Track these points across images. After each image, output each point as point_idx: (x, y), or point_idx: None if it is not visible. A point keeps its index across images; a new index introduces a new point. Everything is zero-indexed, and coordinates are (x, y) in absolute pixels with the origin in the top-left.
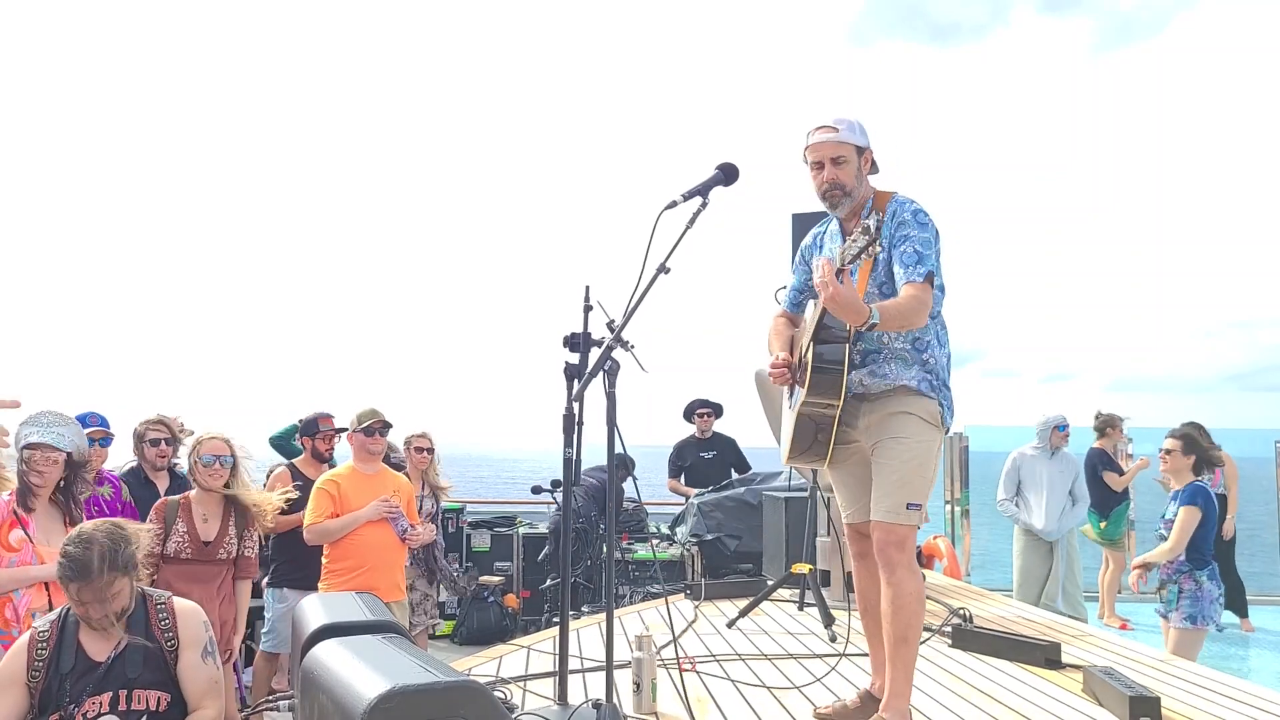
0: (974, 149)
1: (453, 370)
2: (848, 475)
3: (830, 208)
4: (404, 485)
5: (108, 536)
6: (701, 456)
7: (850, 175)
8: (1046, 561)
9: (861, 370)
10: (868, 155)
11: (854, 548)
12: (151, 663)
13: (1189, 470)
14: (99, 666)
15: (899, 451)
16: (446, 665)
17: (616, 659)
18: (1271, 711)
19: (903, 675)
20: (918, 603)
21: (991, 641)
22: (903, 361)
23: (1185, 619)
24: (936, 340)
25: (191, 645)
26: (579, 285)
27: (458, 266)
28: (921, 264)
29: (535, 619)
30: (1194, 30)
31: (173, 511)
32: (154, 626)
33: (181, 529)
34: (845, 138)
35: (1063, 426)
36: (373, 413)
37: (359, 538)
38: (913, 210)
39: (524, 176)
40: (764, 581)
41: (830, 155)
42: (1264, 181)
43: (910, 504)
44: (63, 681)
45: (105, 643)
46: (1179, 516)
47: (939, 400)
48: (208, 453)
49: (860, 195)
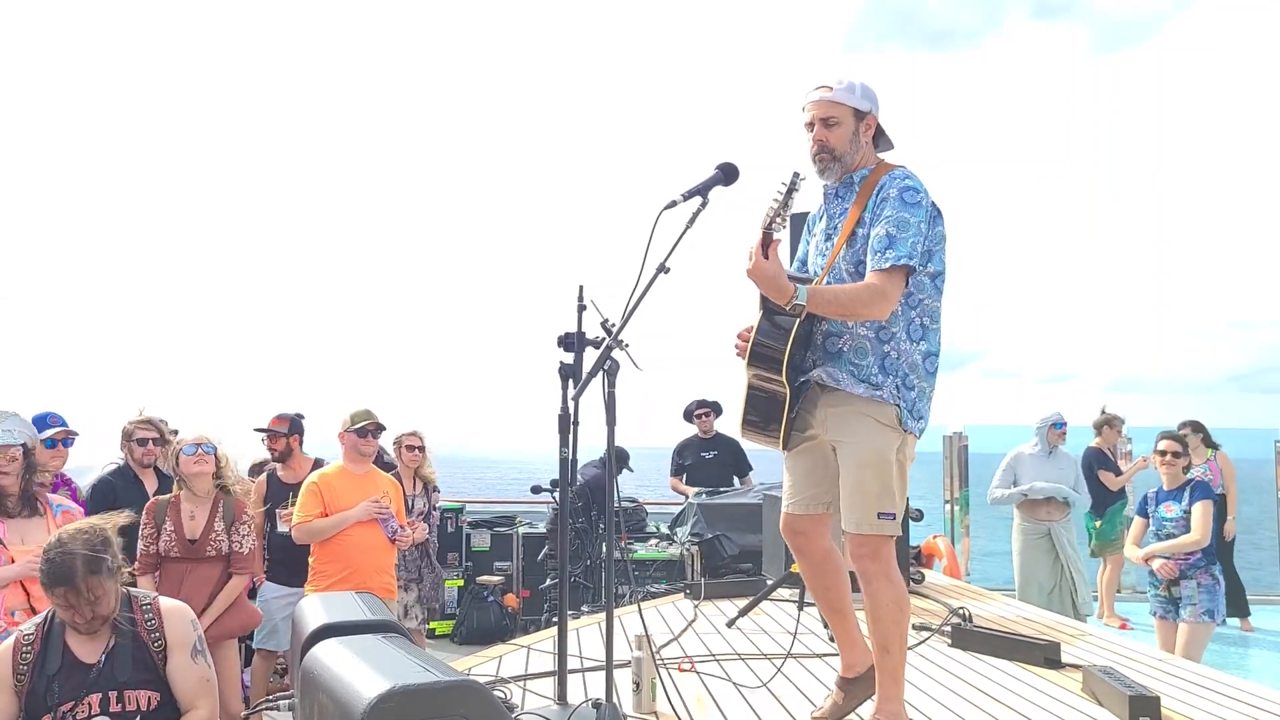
0: (973, 150)
1: (451, 370)
2: (798, 464)
3: (818, 173)
4: (393, 487)
5: (87, 543)
6: (703, 456)
7: (842, 139)
8: (1047, 559)
9: (820, 353)
10: (870, 121)
11: (790, 542)
12: (140, 663)
13: (1182, 471)
14: (89, 668)
15: (859, 457)
16: (446, 665)
17: (616, 658)
18: (1272, 711)
19: (890, 681)
20: (898, 611)
21: (991, 641)
22: (859, 351)
23: (1203, 614)
24: (906, 334)
25: (180, 646)
26: (575, 285)
27: (453, 266)
28: (891, 248)
29: (535, 619)
30: (1188, 32)
31: (162, 511)
32: (140, 628)
33: (169, 528)
34: (840, 98)
35: (1060, 425)
36: (366, 413)
37: (348, 538)
38: (901, 186)
39: (522, 177)
40: (764, 581)
41: (822, 115)
42: (1262, 181)
43: (881, 513)
44: (50, 683)
45: (93, 644)
46: (1199, 509)
47: (896, 403)
48: (189, 443)
49: (855, 162)
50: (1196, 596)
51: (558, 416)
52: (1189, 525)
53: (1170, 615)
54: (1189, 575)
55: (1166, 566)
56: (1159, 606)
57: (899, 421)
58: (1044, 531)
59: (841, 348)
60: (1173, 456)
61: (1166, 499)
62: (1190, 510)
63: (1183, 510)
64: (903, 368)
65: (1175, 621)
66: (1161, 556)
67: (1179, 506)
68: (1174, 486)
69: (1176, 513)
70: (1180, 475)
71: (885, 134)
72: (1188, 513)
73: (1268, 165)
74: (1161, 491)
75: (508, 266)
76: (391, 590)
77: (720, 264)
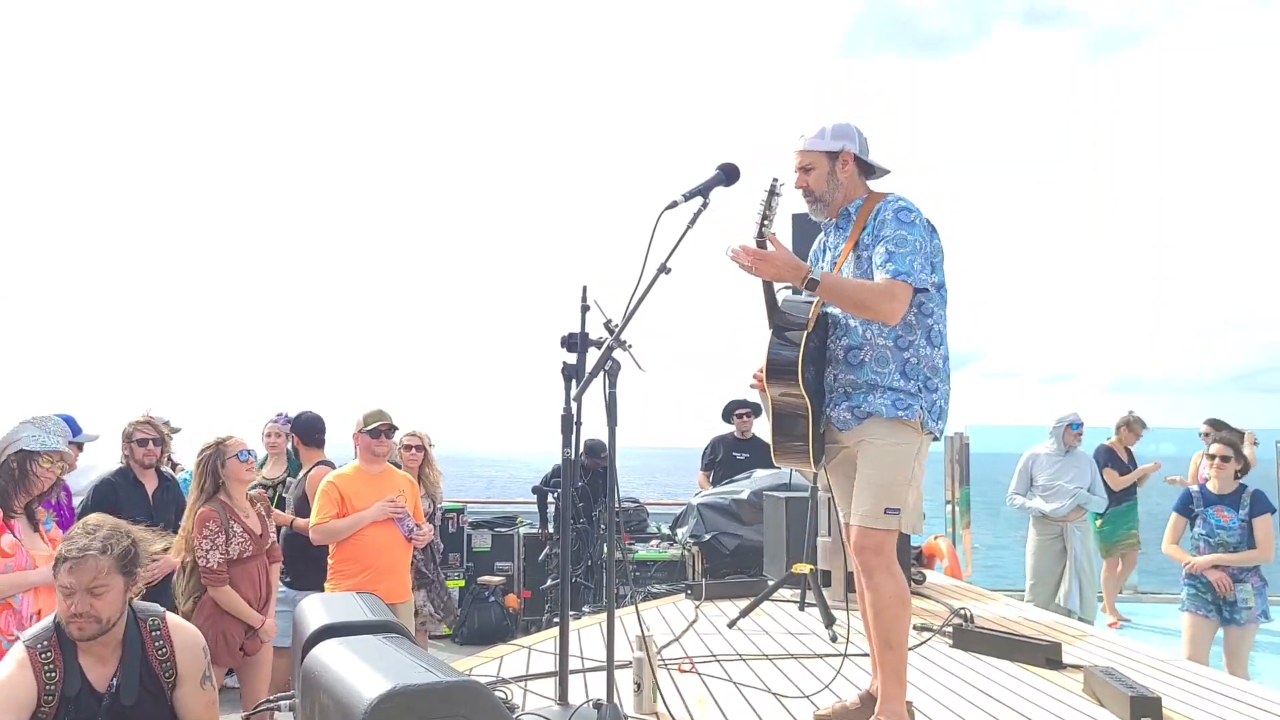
0: (970, 152)
1: (452, 370)
2: (840, 477)
3: (810, 214)
4: (409, 485)
5: (113, 530)
6: (735, 456)
7: (818, 181)
8: (1060, 561)
9: (841, 367)
10: (844, 157)
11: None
12: (148, 690)
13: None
14: (100, 696)
15: (875, 455)
16: (447, 665)
17: (617, 659)
18: (1272, 712)
19: (893, 678)
20: (900, 605)
21: (992, 641)
22: (881, 360)
23: (1260, 614)
24: (927, 339)
25: (191, 675)
26: (579, 285)
27: (455, 267)
28: (890, 261)
29: (536, 619)
30: (1182, 35)
31: (226, 515)
32: (150, 655)
33: (238, 529)
34: (811, 145)
35: (1076, 425)
36: (379, 414)
37: (365, 538)
38: (896, 208)
39: (525, 179)
40: (765, 581)
41: (800, 164)
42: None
43: (888, 508)
44: (69, 707)
45: (103, 668)
46: (1262, 524)
47: (918, 405)
48: (243, 449)
49: (839, 198)
50: (1252, 599)
51: (560, 417)
52: (1244, 534)
53: (1211, 614)
54: (1242, 579)
55: (1224, 582)
56: (1197, 605)
57: (921, 425)
58: (1058, 532)
59: (864, 359)
60: (1222, 460)
61: (1217, 502)
62: (1248, 520)
63: (1240, 518)
64: (923, 371)
65: (1213, 619)
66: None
67: (1235, 514)
68: (1226, 491)
69: (1232, 521)
70: (1232, 480)
71: (872, 167)
72: (1244, 522)
73: (1262, 166)
74: (1209, 493)
75: (511, 267)
76: (407, 589)
77: (720, 264)
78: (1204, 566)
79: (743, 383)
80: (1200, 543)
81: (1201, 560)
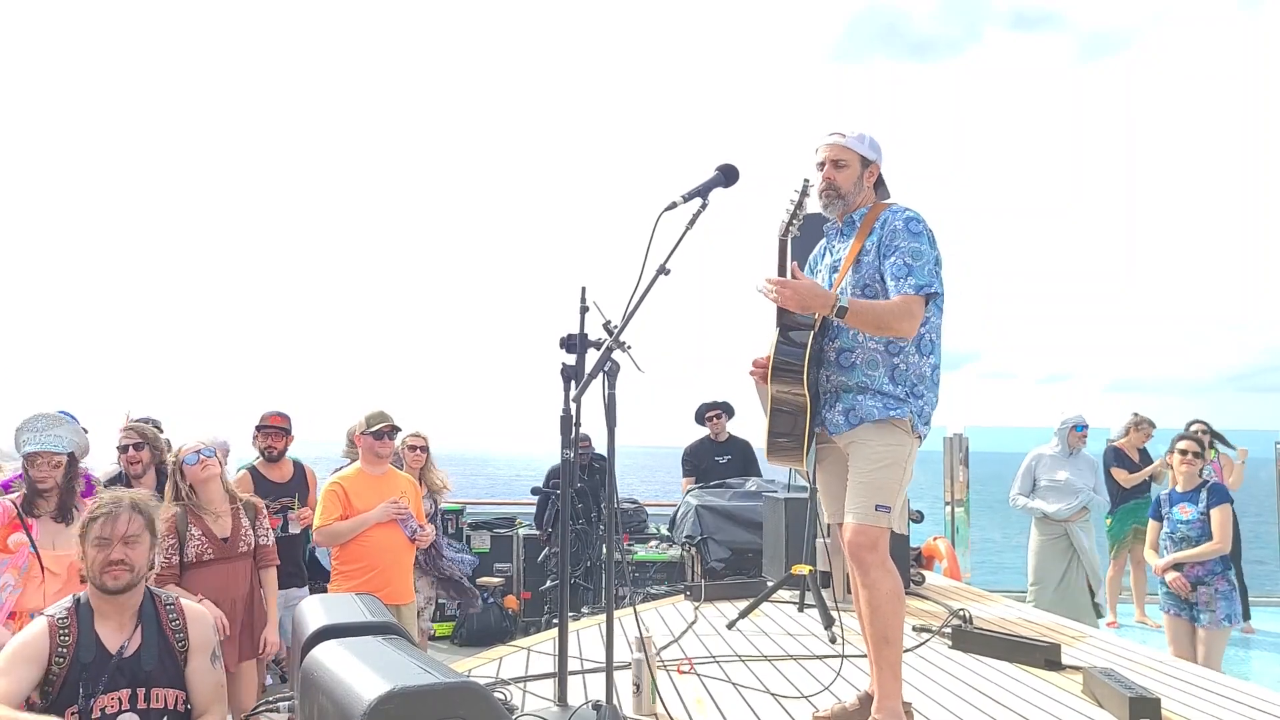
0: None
1: (452, 371)
2: (829, 476)
3: (823, 207)
4: (411, 487)
5: (136, 495)
6: (716, 461)
7: (848, 180)
8: (1063, 559)
9: (834, 369)
10: (873, 169)
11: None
12: (166, 658)
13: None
14: (115, 656)
15: (868, 454)
16: (446, 666)
17: (616, 660)
18: (1272, 713)
19: (890, 676)
20: (896, 601)
21: (991, 643)
22: (871, 364)
23: (1224, 619)
24: (917, 349)
25: (201, 649)
26: (578, 287)
27: (455, 267)
28: (911, 276)
29: (535, 620)
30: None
31: (183, 520)
32: (165, 626)
33: (196, 532)
34: (851, 144)
35: (1081, 427)
36: (381, 415)
37: (368, 540)
38: (904, 218)
39: (525, 180)
40: (764, 583)
41: (833, 157)
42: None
43: (879, 505)
44: (83, 672)
45: (119, 634)
46: (1218, 514)
47: (908, 409)
48: (189, 452)
49: (856, 202)
50: (1215, 603)
51: (559, 418)
52: (1204, 528)
53: (1184, 614)
54: (1206, 582)
55: (1179, 582)
56: (1171, 604)
57: (911, 427)
58: (1061, 531)
59: (855, 361)
60: (1193, 456)
61: (1181, 500)
62: (1206, 513)
63: (1199, 513)
64: (911, 378)
65: (1188, 620)
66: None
67: (1194, 509)
68: (1189, 488)
69: (1192, 515)
70: (1196, 477)
71: (885, 185)
72: (1204, 515)
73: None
74: (1175, 493)
75: (510, 268)
76: (410, 590)
77: (721, 265)
78: (1164, 568)
79: (713, 383)
80: (1166, 541)
81: (1160, 563)
